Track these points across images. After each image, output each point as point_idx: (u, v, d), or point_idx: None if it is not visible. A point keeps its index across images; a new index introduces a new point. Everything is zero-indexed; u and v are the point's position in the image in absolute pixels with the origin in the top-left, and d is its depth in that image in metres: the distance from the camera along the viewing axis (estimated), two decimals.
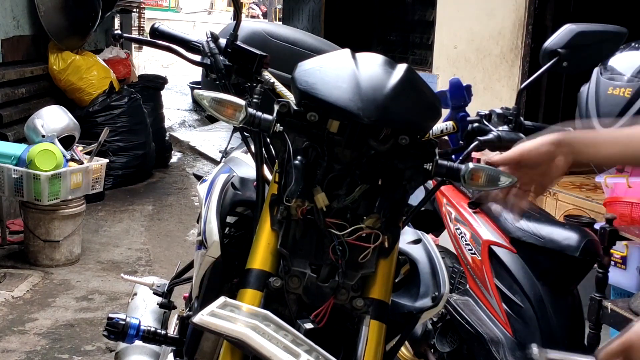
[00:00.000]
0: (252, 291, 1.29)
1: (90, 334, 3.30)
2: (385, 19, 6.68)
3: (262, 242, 1.33)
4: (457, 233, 2.29)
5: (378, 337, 1.29)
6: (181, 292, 2.18)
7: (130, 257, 4.35)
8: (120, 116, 5.67)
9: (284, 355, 1.12)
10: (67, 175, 3.92)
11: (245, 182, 1.56)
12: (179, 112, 9.36)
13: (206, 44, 1.59)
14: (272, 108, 1.33)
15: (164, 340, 1.67)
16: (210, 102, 1.33)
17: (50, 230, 4.03)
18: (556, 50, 1.61)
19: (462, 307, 2.22)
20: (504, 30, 4.70)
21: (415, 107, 1.32)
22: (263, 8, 17.80)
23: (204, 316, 1.17)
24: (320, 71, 1.30)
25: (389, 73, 1.31)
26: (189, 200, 5.63)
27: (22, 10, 5.21)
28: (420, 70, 5.37)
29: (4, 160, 3.88)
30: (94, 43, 6.60)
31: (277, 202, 1.33)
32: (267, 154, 1.45)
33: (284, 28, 1.93)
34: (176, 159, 7.04)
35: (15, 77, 4.99)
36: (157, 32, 1.71)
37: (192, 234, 4.74)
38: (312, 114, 1.28)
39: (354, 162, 1.31)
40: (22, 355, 3.09)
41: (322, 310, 1.28)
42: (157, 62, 12.61)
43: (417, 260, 1.49)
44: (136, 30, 9.35)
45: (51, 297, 3.70)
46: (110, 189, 5.44)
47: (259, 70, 1.54)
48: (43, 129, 4.08)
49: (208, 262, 1.44)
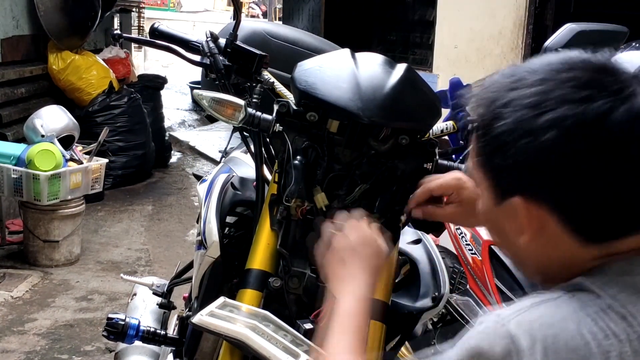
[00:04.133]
0: (252, 291, 1.29)
1: (90, 334, 3.30)
2: (385, 18, 6.68)
3: (261, 242, 1.33)
4: (458, 233, 2.29)
5: (378, 338, 1.29)
6: (181, 292, 2.17)
7: (130, 257, 4.34)
8: (119, 116, 5.66)
9: (284, 355, 1.12)
10: (67, 175, 3.91)
11: (245, 182, 1.56)
12: (178, 112, 9.36)
13: (206, 44, 1.59)
14: (272, 108, 1.32)
15: (164, 341, 1.67)
16: (210, 102, 1.33)
17: (49, 230, 4.03)
18: (557, 50, 1.61)
19: (463, 308, 2.22)
20: (504, 30, 4.70)
21: (415, 107, 1.32)
22: (263, 8, 17.80)
23: (204, 316, 1.16)
24: (320, 71, 1.30)
25: (389, 73, 1.31)
26: (188, 200, 5.62)
27: (21, 9, 5.20)
28: (420, 70, 5.36)
29: (4, 160, 3.88)
30: (93, 43, 6.60)
31: (277, 202, 1.33)
32: (267, 154, 1.45)
33: (284, 28, 1.93)
34: (176, 159, 7.04)
35: (14, 76, 4.98)
36: (156, 32, 1.71)
37: (192, 234, 4.73)
38: (311, 113, 1.28)
39: (353, 162, 1.31)
40: (22, 356, 3.09)
41: (322, 310, 1.27)
42: (157, 62, 12.61)
43: (417, 260, 1.49)
44: (136, 30, 9.34)
45: (51, 298, 3.70)
46: (109, 189, 5.44)
47: (258, 70, 1.54)
48: (42, 128, 4.08)
49: (208, 262, 1.44)
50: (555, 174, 0.81)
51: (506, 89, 0.85)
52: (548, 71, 0.84)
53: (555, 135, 0.79)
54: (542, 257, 0.88)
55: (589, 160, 0.80)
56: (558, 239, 0.84)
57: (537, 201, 0.83)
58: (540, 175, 0.82)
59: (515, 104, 0.83)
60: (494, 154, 0.85)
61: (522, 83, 0.84)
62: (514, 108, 0.83)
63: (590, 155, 0.80)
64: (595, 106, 0.79)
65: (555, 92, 0.81)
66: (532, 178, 0.83)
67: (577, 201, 0.81)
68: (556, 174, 0.81)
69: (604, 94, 0.80)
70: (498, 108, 0.84)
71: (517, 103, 0.83)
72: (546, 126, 0.80)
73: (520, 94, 0.83)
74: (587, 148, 0.79)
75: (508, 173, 0.85)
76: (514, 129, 0.82)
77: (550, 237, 0.85)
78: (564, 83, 0.81)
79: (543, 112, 0.80)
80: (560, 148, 0.80)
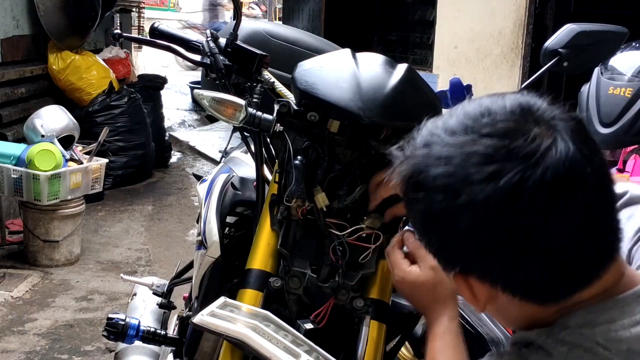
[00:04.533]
0: (252, 291, 1.29)
1: (90, 334, 3.30)
2: (385, 19, 6.68)
3: (262, 242, 1.32)
4: None
5: (378, 338, 1.29)
6: (181, 293, 2.17)
7: (130, 257, 4.34)
8: (119, 116, 5.66)
9: (284, 355, 1.12)
10: (67, 175, 3.91)
11: (245, 182, 1.55)
12: (178, 112, 9.35)
13: (206, 44, 1.59)
14: (272, 108, 1.32)
15: (164, 341, 1.67)
16: (210, 102, 1.33)
17: (49, 230, 4.03)
18: (557, 50, 1.61)
19: (463, 307, 2.21)
20: (504, 30, 4.70)
21: (416, 107, 1.32)
22: (263, 7, 17.78)
23: (204, 316, 1.16)
24: (320, 71, 1.30)
25: (389, 73, 1.31)
26: (188, 200, 5.62)
27: (21, 9, 5.20)
28: (420, 70, 5.36)
29: (4, 160, 3.87)
30: (93, 43, 6.60)
31: (277, 202, 1.33)
32: (267, 154, 1.45)
33: (284, 28, 1.93)
34: (176, 159, 7.04)
35: (14, 76, 4.98)
36: (156, 31, 1.71)
37: (192, 234, 4.73)
38: (312, 113, 1.28)
39: (354, 162, 1.31)
40: (22, 356, 3.09)
41: (322, 310, 1.28)
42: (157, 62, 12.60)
43: None
44: (136, 29, 9.33)
45: (51, 298, 3.70)
46: (109, 189, 5.43)
47: (259, 70, 1.54)
48: (42, 128, 4.07)
49: (208, 262, 1.44)
50: (481, 255, 0.79)
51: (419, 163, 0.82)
52: (455, 144, 0.79)
53: (469, 221, 0.77)
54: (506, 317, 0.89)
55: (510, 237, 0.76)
56: (511, 305, 0.83)
57: (476, 278, 0.82)
58: (466, 258, 0.81)
59: (427, 187, 0.80)
60: (421, 234, 0.86)
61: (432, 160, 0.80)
62: (425, 192, 0.80)
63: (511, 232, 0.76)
64: (503, 183, 0.74)
65: (460, 172, 0.77)
66: (460, 260, 0.82)
67: (509, 274, 0.79)
68: (481, 255, 0.79)
69: (510, 165, 0.75)
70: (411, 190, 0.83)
71: (428, 187, 0.80)
72: (458, 213, 0.77)
73: (430, 175, 0.80)
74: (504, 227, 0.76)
75: (438, 254, 0.84)
76: (430, 215, 0.81)
77: (503, 305, 0.84)
78: (468, 160, 0.77)
79: (453, 197, 0.77)
80: (478, 232, 0.77)
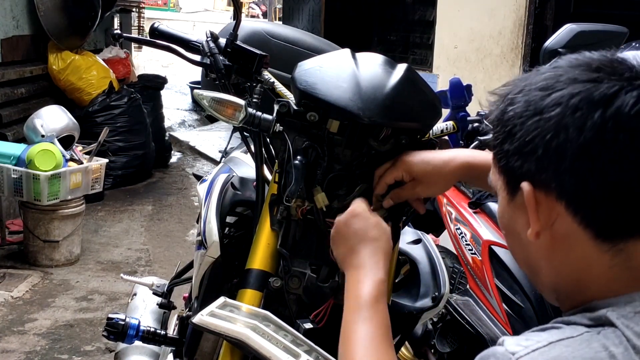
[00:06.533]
0: (252, 291, 1.29)
1: (90, 334, 3.30)
2: (385, 19, 6.68)
3: (262, 242, 1.33)
4: (458, 233, 2.29)
5: None
6: (181, 293, 2.17)
7: (130, 258, 4.34)
8: (119, 116, 5.67)
9: (284, 355, 1.11)
10: (67, 175, 3.91)
11: (245, 182, 1.55)
12: (178, 112, 9.36)
13: (206, 44, 1.59)
14: (272, 108, 1.32)
15: (164, 341, 1.67)
16: (210, 102, 1.33)
17: (49, 230, 4.03)
18: (557, 50, 1.62)
19: (463, 308, 2.22)
20: (504, 30, 4.70)
21: (416, 107, 1.32)
22: (263, 8, 17.79)
23: (204, 316, 1.16)
24: (320, 71, 1.30)
25: (389, 73, 1.31)
26: (188, 200, 5.62)
27: (21, 9, 5.20)
28: (420, 70, 5.36)
29: (4, 160, 3.88)
30: (93, 43, 6.60)
31: (277, 202, 1.33)
32: (267, 154, 1.45)
33: (284, 28, 1.93)
34: (176, 159, 7.04)
35: (14, 77, 4.98)
36: (156, 31, 1.71)
37: (192, 234, 4.73)
38: (312, 113, 1.28)
39: (354, 162, 1.31)
40: (22, 356, 3.09)
41: (322, 310, 1.27)
42: (157, 62, 12.61)
43: (417, 260, 1.49)
44: (136, 30, 9.35)
45: (51, 298, 3.70)
46: (109, 189, 5.44)
47: (259, 70, 1.54)
48: (42, 128, 4.08)
49: (208, 262, 1.43)
50: (558, 153, 0.78)
51: (520, 80, 0.86)
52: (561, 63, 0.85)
53: (559, 112, 0.78)
54: (555, 262, 0.84)
55: (592, 140, 0.77)
56: (568, 236, 0.81)
57: (544, 187, 0.80)
58: (544, 156, 0.80)
59: (527, 89, 0.83)
60: (505, 141, 0.84)
61: (536, 74, 0.85)
62: (524, 93, 0.83)
63: (594, 135, 0.76)
64: (603, 86, 0.78)
65: (565, 75, 0.81)
66: (536, 159, 0.80)
67: (580, 184, 0.78)
68: (558, 153, 0.78)
69: (614, 77, 0.79)
70: (510, 96, 0.85)
71: (528, 88, 0.83)
72: (552, 104, 0.79)
73: (533, 80, 0.84)
74: (591, 127, 0.76)
75: (515, 157, 0.83)
76: (523, 110, 0.82)
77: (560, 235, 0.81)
78: (574, 68, 0.82)
79: (551, 92, 0.80)
80: (564, 126, 0.78)
